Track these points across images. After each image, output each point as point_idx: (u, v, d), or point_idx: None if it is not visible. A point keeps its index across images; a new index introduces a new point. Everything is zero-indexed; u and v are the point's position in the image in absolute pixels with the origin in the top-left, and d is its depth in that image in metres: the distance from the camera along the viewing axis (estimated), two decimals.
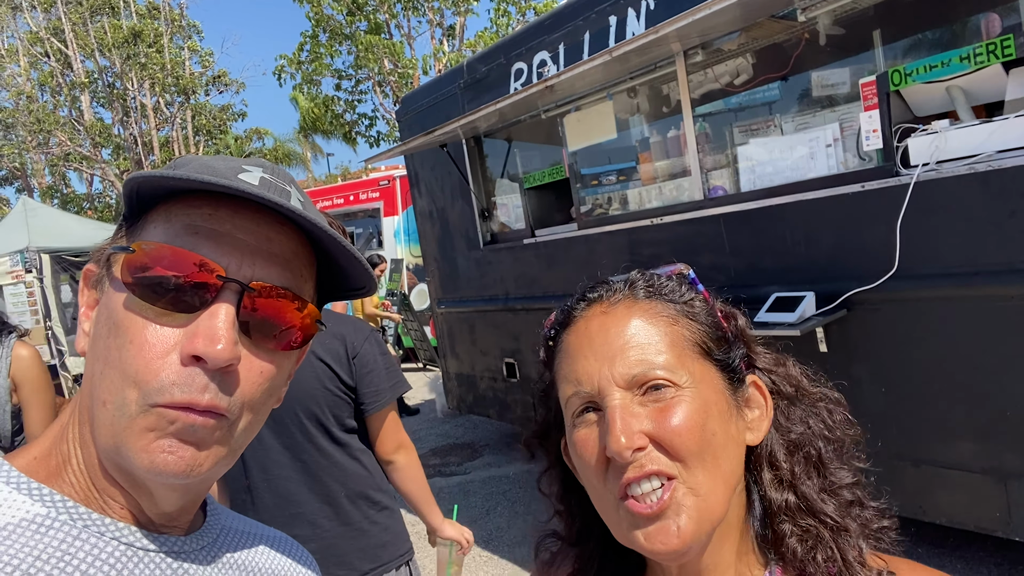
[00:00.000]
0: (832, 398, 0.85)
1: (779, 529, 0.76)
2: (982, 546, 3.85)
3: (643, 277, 0.82)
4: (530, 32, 5.05)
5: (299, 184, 0.77)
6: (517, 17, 18.28)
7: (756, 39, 3.82)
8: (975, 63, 2.99)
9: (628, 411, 0.71)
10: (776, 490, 0.77)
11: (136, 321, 0.64)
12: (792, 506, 0.76)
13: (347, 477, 2.21)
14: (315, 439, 2.18)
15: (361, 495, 2.23)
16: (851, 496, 0.78)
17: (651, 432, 0.70)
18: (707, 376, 0.75)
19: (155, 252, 0.66)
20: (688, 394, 0.72)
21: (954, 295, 3.08)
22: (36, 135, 22.44)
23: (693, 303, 0.80)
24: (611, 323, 0.76)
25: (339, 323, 2.28)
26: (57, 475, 0.68)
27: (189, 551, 0.74)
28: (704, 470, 0.70)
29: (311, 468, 2.18)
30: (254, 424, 0.71)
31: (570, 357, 0.78)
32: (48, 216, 12.62)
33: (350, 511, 2.20)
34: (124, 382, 0.63)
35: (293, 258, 0.72)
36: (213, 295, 0.65)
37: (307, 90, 20.36)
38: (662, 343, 0.74)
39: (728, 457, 0.73)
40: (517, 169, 5.78)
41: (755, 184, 3.85)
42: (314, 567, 0.96)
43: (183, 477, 0.64)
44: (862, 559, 0.73)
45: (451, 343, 6.60)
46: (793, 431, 0.80)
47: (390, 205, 12.14)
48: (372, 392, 2.22)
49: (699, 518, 0.69)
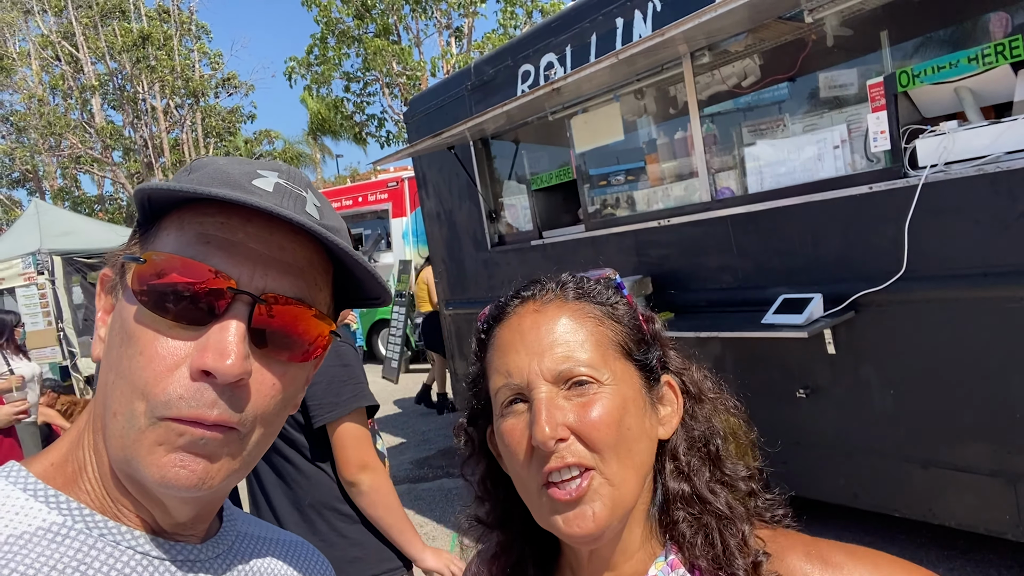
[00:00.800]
0: (730, 404, 0.92)
1: (674, 515, 0.82)
2: (993, 549, 3.82)
3: (573, 279, 0.87)
4: (537, 34, 5.06)
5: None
6: (525, 19, 18.29)
7: (763, 40, 3.81)
8: (983, 64, 2.98)
9: (553, 404, 0.76)
10: (675, 480, 0.84)
11: (146, 332, 0.64)
12: (686, 495, 0.82)
13: (310, 484, 2.09)
14: (276, 444, 2.06)
15: (325, 505, 2.09)
16: (745, 487, 0.84)
17: (573, 425, 0.76)
18: (627, 375, 0.81)
19: (166, 263, 0.65)
20: (609, 391, 0.78)
21: (963, 297, 3.07)
22: (48, 138, 22.61)
23: (618, 306, 0.85)
24: (542, 320, 0.81)
25: None
26: (73, 482, 0.68)
27: (204, 559, 0.73)
28: (619, 461, 0.76)
29: (277, 471, 2.11)
30: (268, 435, 0.70)
31: (501, 350, 0.83)
32: (60, 218, 12.70)
33: (314, 520, 2.09)
34: (133, 394, 0.63)
35: (307, 267, 0.70)
36: (224, 307, 0.64)
37: (316, 92, 20.43)
38: (588, 342, 0.80)
39: (641, 450, 0.80)
40: (524, 171, 5.79)
41: (762, 185, 3.85)
42: (330, 572, 0.95)
43: (194, 490, 0.64)
44: (743, 543, 0.79)
45: (459, 344, 6.61)
46: (696, 428, 0.87)
47: (398, 206, 12.17)
48: (315, 406, 2.04)
49: (612, 505, 0.76)
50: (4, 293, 11.49)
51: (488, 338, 0.87)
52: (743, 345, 3.83)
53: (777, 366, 3.75)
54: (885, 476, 3.50)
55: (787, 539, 0.81)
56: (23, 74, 23.58)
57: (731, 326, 3.73)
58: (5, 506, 0.63)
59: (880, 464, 3.50)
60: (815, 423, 3.71)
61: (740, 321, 3.73)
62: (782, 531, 0.83)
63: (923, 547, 4.00)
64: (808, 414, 3.71)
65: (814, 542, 0.79)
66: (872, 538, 4.13)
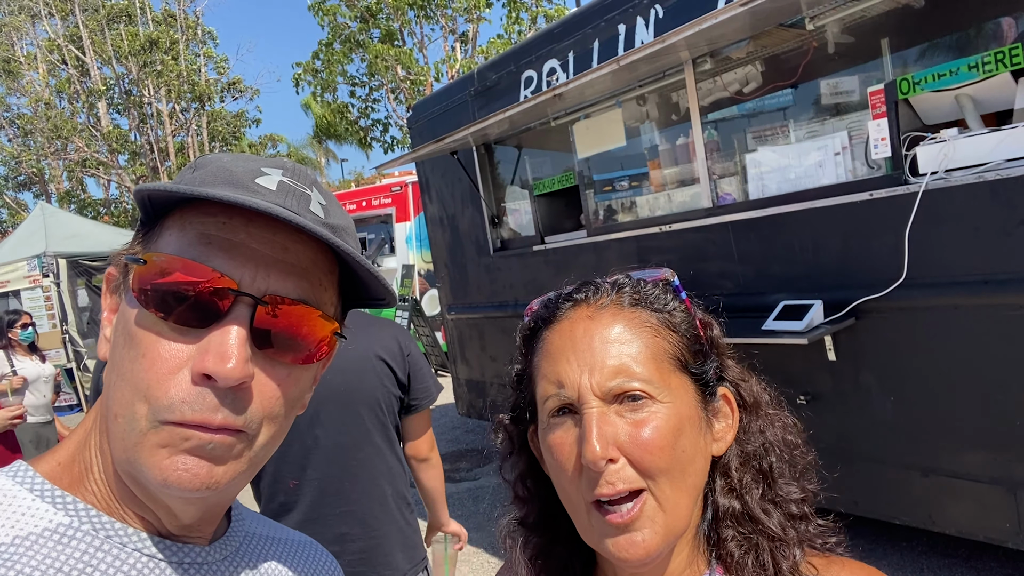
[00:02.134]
0: (788, 421, 0.88)
1: (723, 533, 0.79)
2: (994, 556, 3.81)
3: (630, 283, 0.82)
4: (540, 40, 5.08)
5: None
6: (529, 24, 18.34)
7: (765, 47, 3.82)
8: (984, 71, 2.99)
9: (605, 420, 0.73)
10: (725, 497, 0.80)
11: (148, 334, 0.63)
12: (737, 513, 0.79)
13: (393, 476, 2.25)
14: (372, 436, 2.21)
15: (401, 495, 2.27)
16: (797, 511, 0.81)
17: (624, 444, 0.72)
18: (683, 390, 0.77)
19: (166, 264, 0.64)
20: (664, 410, 0.74)
21: (963, 304, 3.07)
22: (54, 141, 22.72)
23: (675, 313, 0.81)
24: (595, 328, 0.77)
25: (385, 324, 2.35)
26: (80, 483, 0.67)
27: (212, 561, 0.72)
28: (672, 485, 0.73)
29: (365, 466, 2.20)
30: (276, 436, 0.69)
31: (552, 357, 0.79)
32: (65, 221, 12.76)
33: (394, 510, 2.23)
34: (135, 396, 0.62)
35: (311, 267, 0.68)
36: (225, 309, 0.63)
37: (321, 96, 20.50)
38: (643, 355, 0.76)
39: (695, 471, 0.76)
40: (527, 176, 5.80)
41: (764, 192, 3.85)
42: (338, 571, 0.94)
43: (199, 492, 0.63)
44: (795, 568, 0.76)
45: (461, 349, 6.62)
46: (751, 443, 0.83)
47: (402, 211, 12.20)
48: (422, 389, 2.30)
49: (664, 532, 0.73)
50: (9, 295, 11.54)
51: (535, 340, 0.83)
52: (743, 351, 3.82)
53: (777, 373, 3.73)
54: (886, 483, 3.49)
55: (841, 568, 0.78)
56: (30, 78, 23.71)
57: (731, 332, 3.70)
58: (12, 507, 0.63)
59: (880, 471, 3.49)
60: (815, 430, 3.70)
61: (740, 327, 3.73)
62: (836, 558, 0.79)
63: (924, 555, 3.99)
64: (808, 421, 3.70)
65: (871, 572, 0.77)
66: (873, 546, 4.12)
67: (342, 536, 2.14)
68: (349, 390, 2.16)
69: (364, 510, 2.18)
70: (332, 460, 2.16)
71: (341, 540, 2.13)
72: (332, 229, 0.68)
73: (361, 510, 2.17)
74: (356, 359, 2.18)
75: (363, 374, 2.18)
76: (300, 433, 2.13)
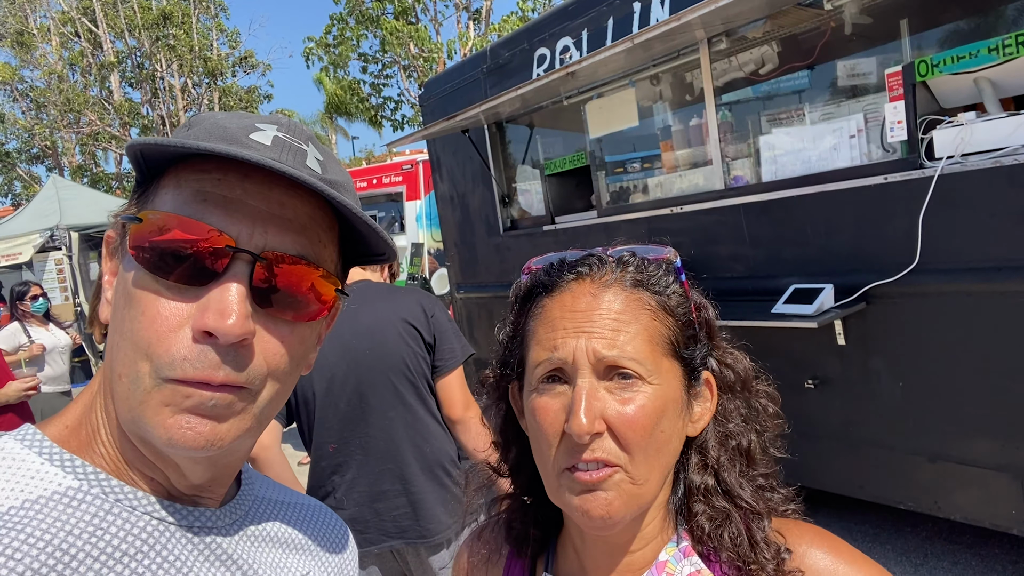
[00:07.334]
0: (770, 393, 0.90)
1: (694, 508, 0.82)
2: (999, 543, 3.82)
3: (635, 262, 0.83)
4: (553, 18, 5.02)
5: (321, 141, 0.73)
6: (543, 1, 18.16)
7: (781, 27, 3.77)
8: (1004, 54, 2.93)
9: (594, 395, 0.75)
10: (698, 474, 0.83)
11: (147, 294, 0.62)
12: (710, 489, 0.82)
13: (430, 434, 2.31)
14: (404, 396, 2.27)
15: (440, 454, 2.31)
16: (764, 481, 0.84)
17: (610, 417, 0.74)
18: (671, 374, 0.79)
19: (162, 222, 0.63)
20: (651, 391, 0.76)
21: (975, 290, 3.04)
22: (66, 114, 22.77)
23: (673, 296, 0.83)
24: (596, 305, 0.79)
25: (408, 291, 2.42)
26: (88, 446, 0.67)
27: (221, 525, 0.73)
28: (646, 462, 0.76)
29: (397, 424, 2.26)
30: (281, 393, 0.69)
31: (549, 325, 0.80)
32: (78, 194, 12.80)
33: (435, 468, 2.29)
34: (137, 355, 0.61)
35: (309, 223, 0.67)
36: (224, 267, 0.62)
37: (333, 72, 20.41)
38: (640, 336, 0.77)
39: (669, 451, 0.79)
40: (538, 155, 5.77)
41: (776, 174, 3.82)
42: (347, 536, 0.94)
43: (204, 451, 0.62)
44: (767, 538, 0.79)
45: (470, 328, 6.63)
46: (729, 423, 0.85)
47: (412, 189, 12.16)
48: (448, 349, 2.34)
49: (629, 499, 0.75)
50: (23, 267, 11.63)
51: (532, 305, 0.84)
52: (752, 334, 3.81)
53: (786, 356, 3.74)
54: (892, 468, 3.49)
55: (802, 532, 0.81)
56: (43, 50, 23.71)
57: (741, 315, 3.71)
58: (21, 470, 0.62)
59: (887, 456, 3.49)
60: (823, 414, 3.70)
61: (750, 310, 3.71)
62: (795, 523, 0.82)
63: (928, 540, 4.00)
64: (816, 405, 3.70)
65: (828, 535, 0.80)
66: (878, 531, 4.13)
67: (384, 493, 2.23)
68: (376, 354, 2.24)
69: (401, 467, 2.25)
70: (366, 421, 2.24)
71: (384, 497, 2.23)
72: (330, 184, 0.67)
73: (398, 467, 2.25)
74: (381, 324, 2.26)
75: (388, 337, 2.25)
76: (334, 398, 2.23)
